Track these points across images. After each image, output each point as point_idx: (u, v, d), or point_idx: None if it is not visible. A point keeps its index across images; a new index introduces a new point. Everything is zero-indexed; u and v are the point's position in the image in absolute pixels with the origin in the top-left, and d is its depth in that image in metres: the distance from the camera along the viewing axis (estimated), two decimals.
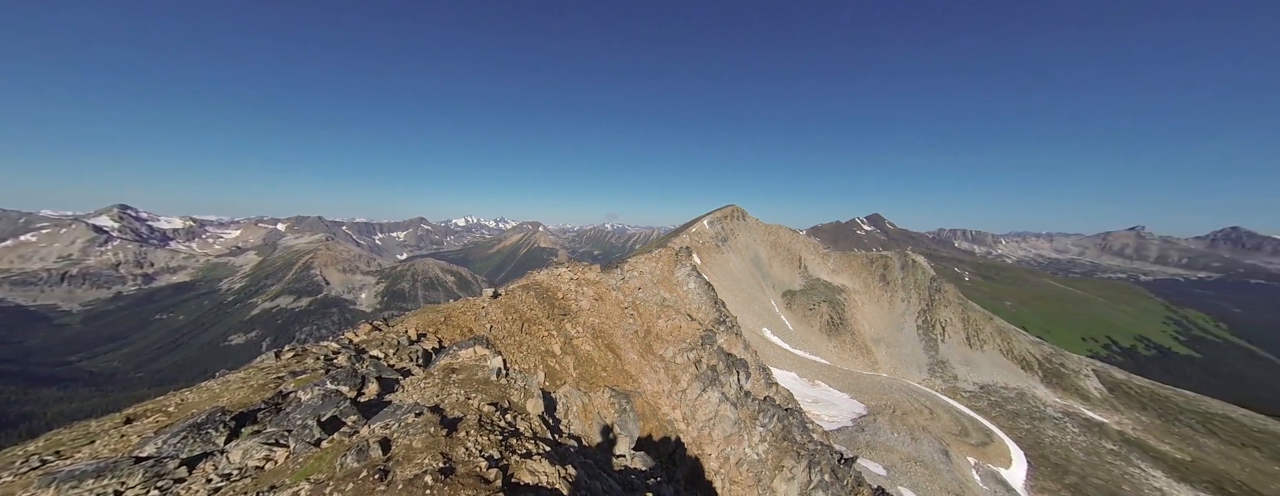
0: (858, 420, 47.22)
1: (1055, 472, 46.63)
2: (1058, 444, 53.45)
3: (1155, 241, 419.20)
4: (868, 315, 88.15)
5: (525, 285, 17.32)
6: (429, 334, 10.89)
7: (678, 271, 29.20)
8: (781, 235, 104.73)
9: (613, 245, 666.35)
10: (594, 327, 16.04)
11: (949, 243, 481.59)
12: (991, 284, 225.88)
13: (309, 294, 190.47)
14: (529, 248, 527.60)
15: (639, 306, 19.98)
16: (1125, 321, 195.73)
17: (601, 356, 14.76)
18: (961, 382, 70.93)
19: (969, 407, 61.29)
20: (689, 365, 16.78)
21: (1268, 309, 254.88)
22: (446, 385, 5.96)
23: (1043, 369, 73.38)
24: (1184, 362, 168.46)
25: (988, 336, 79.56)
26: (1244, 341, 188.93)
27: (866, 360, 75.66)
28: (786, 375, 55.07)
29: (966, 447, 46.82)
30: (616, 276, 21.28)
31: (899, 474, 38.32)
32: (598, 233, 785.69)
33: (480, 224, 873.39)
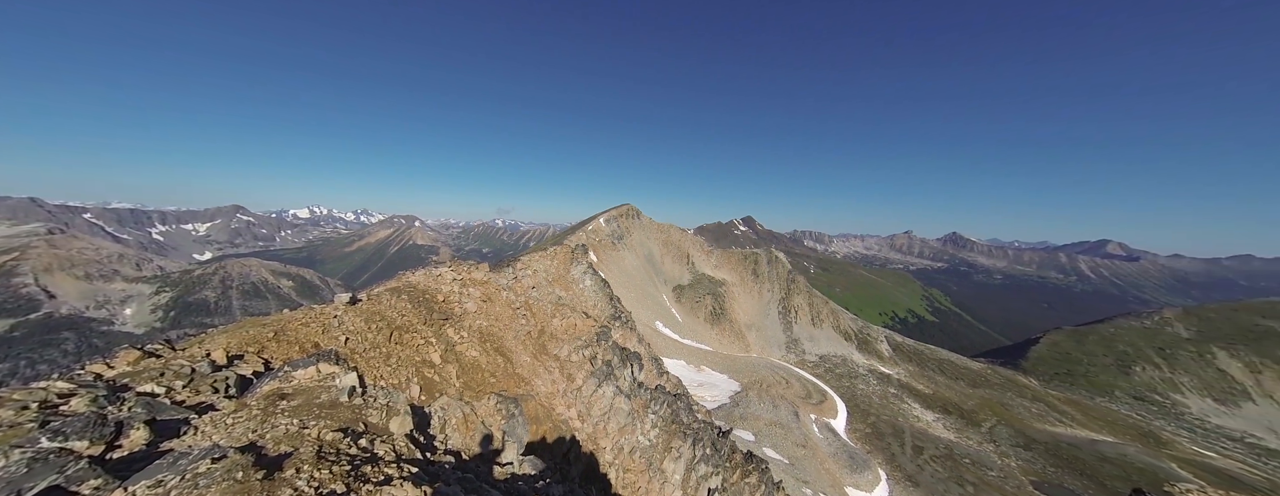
0: (734, 396, 54.23)
1: (863, 415, 61.49)
2: (864, 394, 70.56)
3: (917, 241, 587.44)
4: (742, 305, 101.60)
5: (396, 288, 14.88)
6: (249, 354, 8.44)
7: (574, 269, 28.88)
8: (672, 234, 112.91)
9: (504, 242, 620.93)
10: (481, 331, 14.74)
11: (800, 242, 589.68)
12: (828, 275, 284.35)
13: (15, 313, 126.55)
14: (402, 245, 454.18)
15: (532, 306, 19.13)
16: (902, 299, 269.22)
17: (490, 361, 13.66)
18: (807, 355, 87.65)
19: (811, 374, 76.15)
20: (584, 362, 16.80)
21: (972, 287, 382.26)
22: (270, 416, 4.69)
23: (857, 339, 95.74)
24: (931, 325, 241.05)
25: (825, 316, 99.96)
26: (959, 310, 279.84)
27: (741, 344, 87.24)
28: (676, 363, 59.79)
29: (809, 407, 58.14)
30: (508, 275, 19.96)
31: (764, 437, 45.42)
32: (487, 229, 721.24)
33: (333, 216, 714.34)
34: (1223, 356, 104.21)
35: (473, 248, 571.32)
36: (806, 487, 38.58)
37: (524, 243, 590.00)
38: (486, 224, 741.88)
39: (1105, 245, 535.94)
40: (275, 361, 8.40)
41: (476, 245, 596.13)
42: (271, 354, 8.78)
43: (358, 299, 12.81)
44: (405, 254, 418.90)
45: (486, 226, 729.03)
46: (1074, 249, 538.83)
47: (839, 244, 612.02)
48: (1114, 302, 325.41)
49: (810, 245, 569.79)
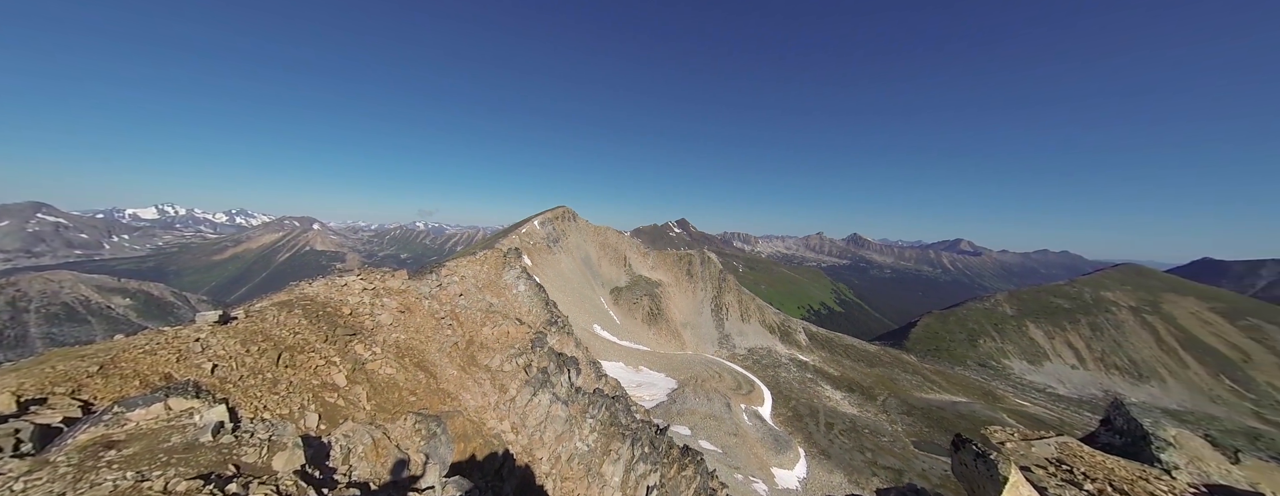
0: (671, 393, 55.87)
1: (785, 400, 67.62)
2: (786, 381, 77.67)
3: (827, 241, 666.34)
4: (678, 304, 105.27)
5: (287, 301, 12.64)
6: (57, 397, 6.45)
7: (506, 274, 27.38)
8: (609, 236, 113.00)
9: (427, 247, 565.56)
10: (399, 345, 13.20)
11: (730, 243, 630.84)
12: (754, 273, 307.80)
13: None
14: (295, 251, 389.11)
15: (460, 315, 17.71)
16: (815, 293, 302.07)
17: (409, 378, 12.29)
18: (737, 349, 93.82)
19: (741, 367, 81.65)
20: (518, 371, 15.96)
21: (869, 281, 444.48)
22: (89, 473, 3.60)
23: (779, 331, 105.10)
24: (839, 315, 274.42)
25: (752, 312, 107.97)
26: (860, 300, 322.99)
27: (677, 342, 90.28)
28: (614, 365, 59.78)
29: (740, 397, 62.27)
30: (431, 283, 18.19)
31: (700, 430, 47.50)
32: (406, 233, 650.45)
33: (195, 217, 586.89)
34: (1032, 327, 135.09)
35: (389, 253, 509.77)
36: (738, 473, 41.21)
37: (450, 247, 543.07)
38: (405, 227, 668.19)
39: (959, 243, 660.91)
40: (100, 402, 6.54)
41: (393, 250, 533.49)
42: (94, 393, 6.81)
43: (232, 317, 10.59)
44: (300, 262, 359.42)
45: (405, 229, 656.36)
46: (938, 247, 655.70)
47: (763, 244, 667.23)
48: (965, 290, 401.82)
49: (739, 246, 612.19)
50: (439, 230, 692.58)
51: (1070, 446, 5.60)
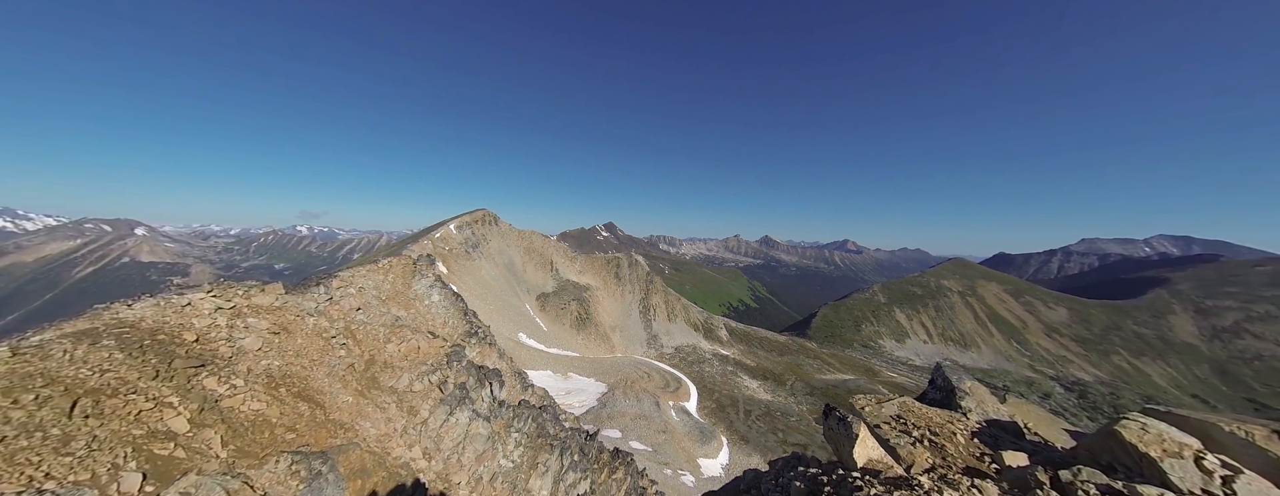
0: (602, 397, 55.51)
1: (709, 393, 71.90)
2: (710, 375, 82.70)
3: (743, 242, 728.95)
4: (607, 308, 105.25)
5: (87, 331, 9.61)
6: None
7: (417, 283, 24.63)
8: (534, 240, 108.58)
9: (312, 256, 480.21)
10: (271, 374, 10.95)
11: (656, 245, 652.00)
12: (679, 274, 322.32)
13: None
14: (104, 263, 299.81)
15: (357, 332, 15.42)
16: (734, 291, 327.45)
17: (286, 411, 10.27)
18: (665, 348, 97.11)
19: (668, 365, 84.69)
20: (431, 390, 14.43)
21: (779, 278, 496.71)
22: None
23: (703, 328, 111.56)
24: (754, 311, 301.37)
25: (678, 312, 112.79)
26: (772, 296, 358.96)
27: (607, 346, 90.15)
28: (542, 374, 57.42)
29: (668, 395, 64.49)
30: (318, 297, 15.48)
31: (630, 431, 47.96)
32: (282, 239, 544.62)
33: None
34: (898, 312, 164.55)
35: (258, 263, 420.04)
36: (667, 468, 42.55)
37: (345, 254, 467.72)
38: (281, 232, 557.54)
39: (846, 243, 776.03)
40: None
41: (264, 259, 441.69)
42: None
43: None
44: (111, 277, 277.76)
45: (280, 235, 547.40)
46: (831, 247, 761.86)
47: (688, 246, 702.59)
48: (852, 283, 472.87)
49: (665, 248, 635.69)
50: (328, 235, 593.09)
51: (908, 404, 6.99)
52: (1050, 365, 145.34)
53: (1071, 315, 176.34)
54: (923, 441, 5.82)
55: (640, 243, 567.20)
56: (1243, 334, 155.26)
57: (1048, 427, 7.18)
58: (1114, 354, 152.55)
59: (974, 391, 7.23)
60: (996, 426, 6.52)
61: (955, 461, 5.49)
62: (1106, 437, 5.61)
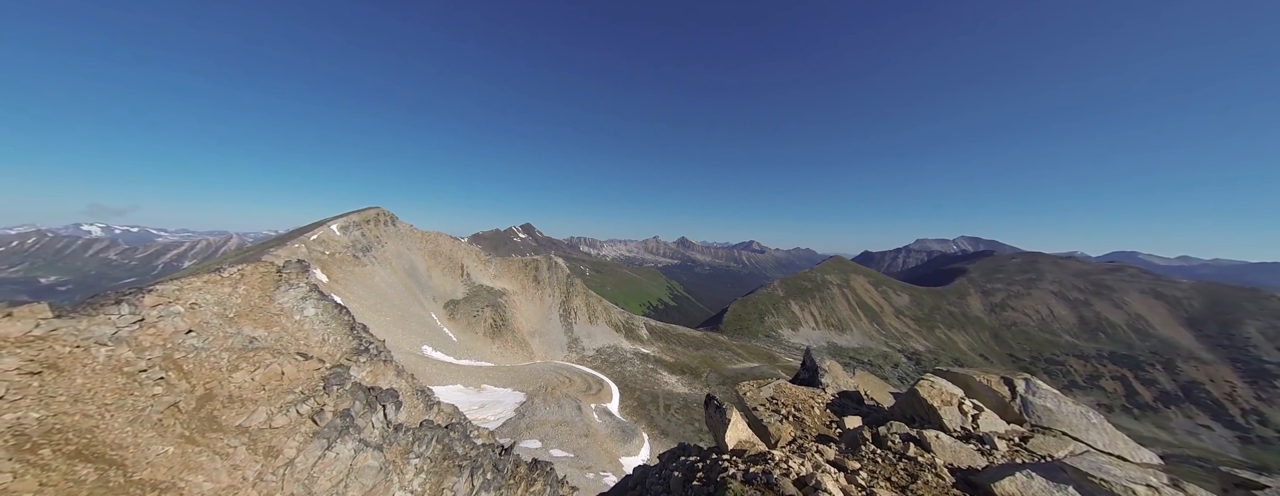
0: (520, 407, 52.52)
1: (631, 392, 73.25)
2: (631, 374, 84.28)
3: (661, 243, 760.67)
4: (525, 313, 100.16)
5: None
6: None
7: (282, 295, 20.33)
8: (442, 243, 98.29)
9: (110, 264, 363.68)
10: (24, 432, 7.95)
11: (577, 247, 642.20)
12: (600, 275, 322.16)
13: None
14: None
15: (184, 362, 12.10)
16: (653, 290, 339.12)
17: (55, 481, 7.55)
18: (587, 351, 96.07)
19: (590, 367, 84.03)
20: (302, 422, 12.05)
21: (695, 277, 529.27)
22: None
23: (624, 329, 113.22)
24: (673, 309, 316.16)
25: (599, 313, 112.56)
26: (689, 295, 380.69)
27: (525, 352, 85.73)
28: (452, 389, 52.17)
29: (590, 397, 63.88)
30: (117, 319, 11.69)
31: (550, 439, 46.26)
32: (52, 242, 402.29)
33: None
34: (793, 304, 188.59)
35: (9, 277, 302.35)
36: (589, 472, 42.07)
37: (167, 262, 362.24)
38: (51, 234, 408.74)
39: (752, 243, 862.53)
40: None
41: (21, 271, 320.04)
42: None
43: None
44: None
45: (51, 238, 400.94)
46: (739, 247, 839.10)
47: (608, 248, 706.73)
48: (757, 280, 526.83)
49: (585, 250, 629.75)
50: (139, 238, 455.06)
51: (781, 386, 8.08)
52: (898, 340, 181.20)
53: (911, 300, 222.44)
54: (789, 418, 6.79)
55: (560, 244, 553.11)
56: (1007, 308, 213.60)
57: (879, 392, 8.90)
58: (937, 328, 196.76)
59: (831, 369, 8.72)
60: (845, 396, 7.94)
61: (811, 431, 6.51)
62: (910, 396, 7.20)
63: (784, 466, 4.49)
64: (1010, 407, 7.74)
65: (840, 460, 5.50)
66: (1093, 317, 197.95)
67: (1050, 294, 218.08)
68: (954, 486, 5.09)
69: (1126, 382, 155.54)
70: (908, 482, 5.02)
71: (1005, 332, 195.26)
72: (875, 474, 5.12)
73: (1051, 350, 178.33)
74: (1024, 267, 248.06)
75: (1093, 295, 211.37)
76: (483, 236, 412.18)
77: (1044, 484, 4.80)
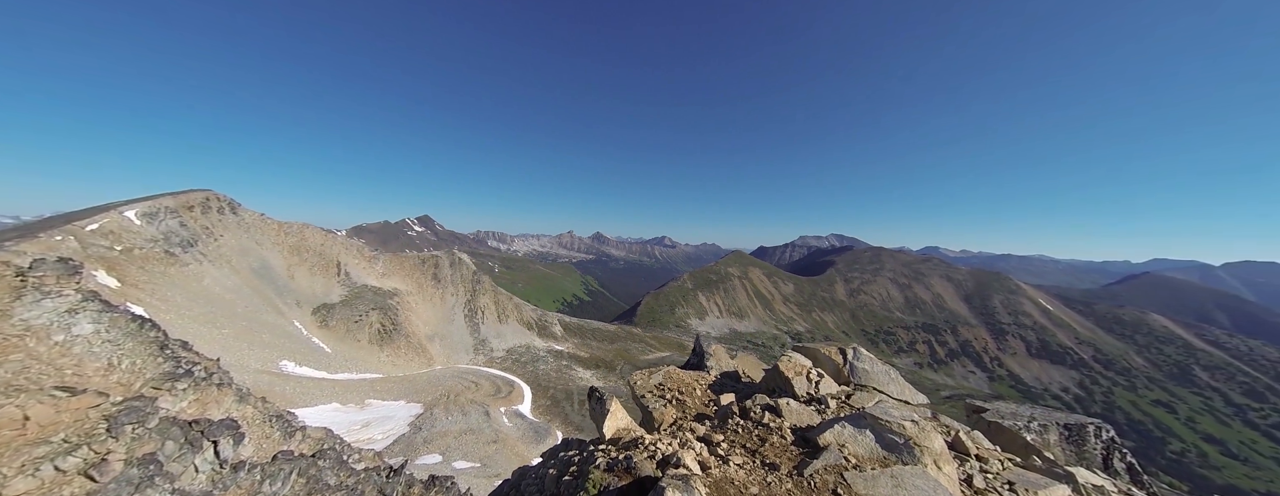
0: (416, 420, 47.07)
1: (544, 391, 71.38)
2: (545, 372, 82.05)
3: (576, 239, 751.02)
4: (422, 314, 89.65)
5: None
6: None
7: (32, 309, 14.91)
8: (309, 236, 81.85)
9: None
10: None
11: (485, 242, 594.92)
12: (511, 272, 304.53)
13: None
14: None
15: None
16: (568, 286, 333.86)
17: None
18: (496, 352, 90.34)
19: (500, 369, 79.37)
20: (69, 481, 9.10)
21: (609, 272, 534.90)
22: None
23: (537, 326, 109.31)
24: (588, 304, 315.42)
25: (510, 311, 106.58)
26: (603, 289, 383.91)
27: (423, 358, 76.91)
28: (323, 409, 44.22)
29: (499, 401, 60.41)
30: None
31: (454, 450, 42.57)
32: None
33: None
34: (700, 295, 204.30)
35: None
36: (499, 480, 39.95)
37: None
38: None
39: (664, 239, 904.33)
40: None
41: None
42: None
43: None
44: None
45: None
46: (651, 242, 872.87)
47: (520, 243, 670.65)
48: (668, 274, 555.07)
49: (494, 245, 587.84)
50: None
51: (670, 372, 8.94)
52: (785, 324, 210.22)
53: (795, 289, 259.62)
54: (673, 401, 7.56)
55: (465, 239, 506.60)
56: (861, 293, 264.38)
57: (755, 370, 10.42)
58: (813, 311, 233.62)
59: (716, 353, 9.94)
60: (726, 377, 9.15)
61: (691, 411, 7.37)
62: (773, 370, 8.67)
63: (652, 448, 4.96)
64: (842, 372, 9.73)
65: (708, 434, 6.28)
66: (912, 297, 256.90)
67: (887, 280, 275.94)
68: (793, 443, 6.24)
69: (930, 344, 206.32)
70: (758, 446, 5.98)
71: (859, 312, 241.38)
72: (733, 443, 5.99)
73: (887, 324, 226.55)
74: (872, 260, 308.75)
75: (913, 280, 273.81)
76: (368, 229, 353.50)
77: (852, 430, 6.21)
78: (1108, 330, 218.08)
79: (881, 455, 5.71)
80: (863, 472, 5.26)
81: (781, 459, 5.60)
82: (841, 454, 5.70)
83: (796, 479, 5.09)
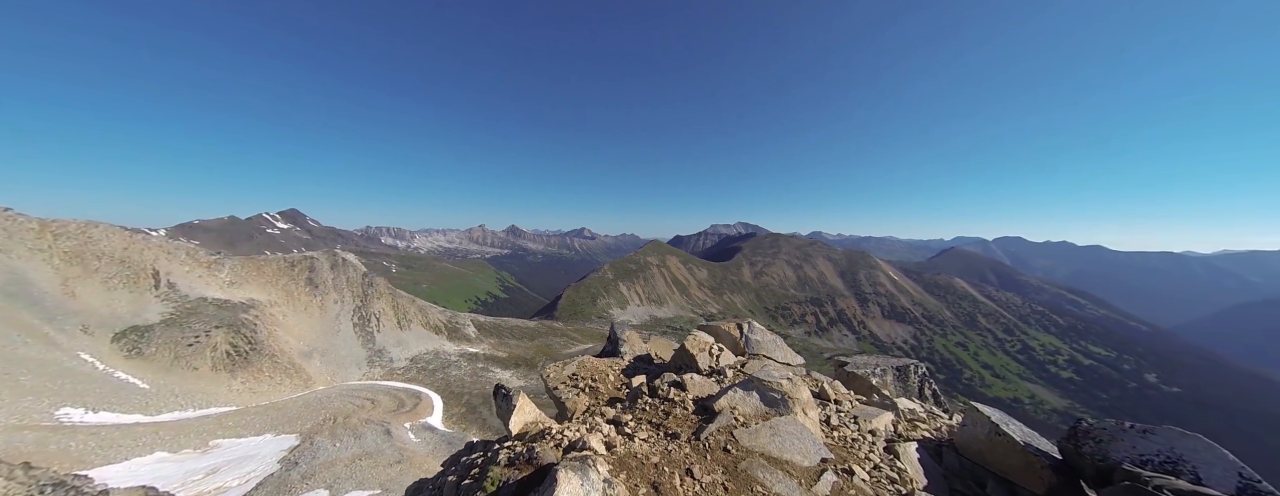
0: (289, 455, 39.35)
1: (458, 398, 65.86)
2: (458, 378, 75.61)
3: (489, 233, 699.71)
4: (294, 328, 74.71)
5: None
6: None
7: None
8: (99, 238, 61.34)
9: None
10: None
11: (377, 239, 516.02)
12: (412, 272, 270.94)
13: None
14: None
15: None
16: (481, 284, 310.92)
17: None
18: (397, 362, 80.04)
19: (403, 381, 70.73)
20: None
21: (527, 267, 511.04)
22: None
23: (447, 329, 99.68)
24: (505, 301, 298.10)
25: (413, 315, 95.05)
26: (521, 285, 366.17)
27: (297, 380, 64.36)
28: (143, 461, 34.27)
29: (404, 416, 53.92)
30: None
31: (345, 480, 36.82)
32: None
33: None
34: (621, 285, 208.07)
35: None
36: None
37: None
38: None
39: (583, 231, 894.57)
40: None
41: None
42: None
43: None
44: None
45: None
46: (571, 234, 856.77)
47: (422, 239, 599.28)
48: (589, 266, 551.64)
49: (390, 242, 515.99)
50: None
51: (584, 361, 9.10)
52: (700, 307, 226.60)
53: (708, 274, 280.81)
54: (586, 389, 7.73)
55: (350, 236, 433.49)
56: (764, 275, 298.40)
57: (666, 351, 11.12)
58: (724, 294, 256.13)
59: (629, 339, 10.38)
60: (639, 360, 9.61)
61: (604, 397, 7.62)
62: (680, 349, 9.39)
63: (559, 436, 4.97)
64: (739, 344, 10.89)
65: (618, 416, 6.52)
66: (803, 276, 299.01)
67: (784, 262, 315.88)
68: (695, 413, 6.82)
69: (816, 315, 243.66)
70: (663, 419, 6.41)
71: (762, 292, 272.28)
72: (641, 420, 6.32)
73: (785, 300, 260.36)
74: (772, 245, 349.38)
75: (803, 261, 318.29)
76: (203, 227, 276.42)
77: (742, 394, 7.04)
78: (930, 292, 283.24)
79: (763, 410, 6.60)
80: (748, 428, 6.02)
81: (682, 428, 6.09)
82: (733, 415, 6.43)
83: (694, 443, 5.60)
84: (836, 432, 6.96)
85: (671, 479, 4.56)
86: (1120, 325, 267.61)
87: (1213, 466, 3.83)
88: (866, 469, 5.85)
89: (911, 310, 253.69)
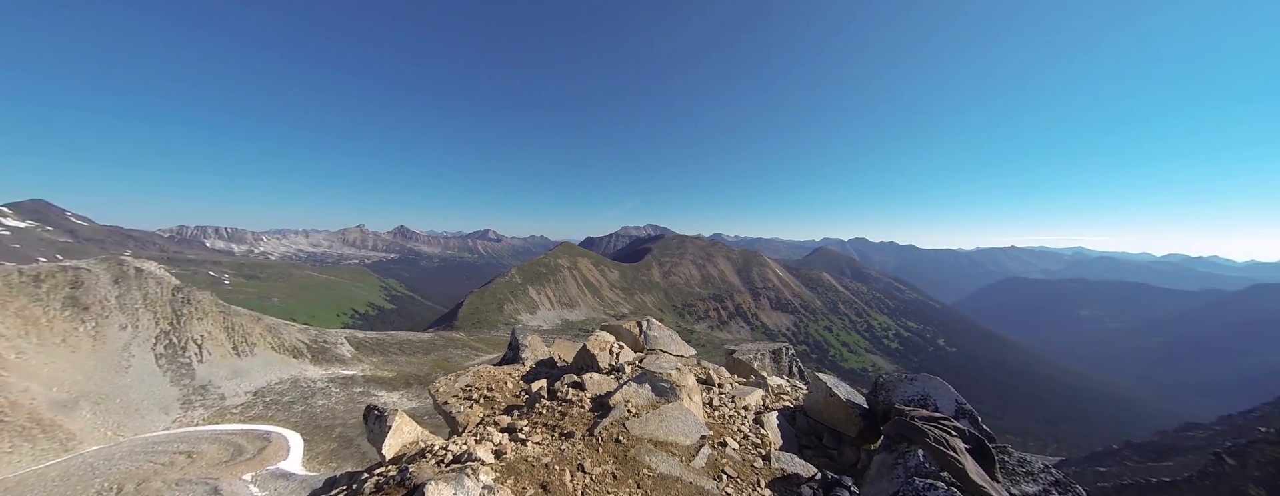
0: None
1: (326, 433, 54.72)
2: (326, 409, 62.81)
3: (370, 235, 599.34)
4: (39, 370, 52.94)
5: None
6: None
7: None
8: None
9: None
10: None
11: (198, 242, 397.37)
12: (257, 282, 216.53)
13: None
14: None
15: None
16: (360, 294, 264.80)
17: None
18: (231, 398, 62.75)
19: (241, 422, 55.85)
20: None
21: (420, 272, 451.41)
22: None
23: (311, 351, 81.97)
24: (391, 313, 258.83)
25: (257, 338, 75.69)
26: (412, 293, 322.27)
27: (47, 442, 45.76)
28: None
29: (243, 466, 42.59)
30: None
31: None
32: None
33: None
34: (530, 289, 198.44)
35: None
36: None
37: None
38: None
39: (488, 232, 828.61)
40: None
41: None
42: None
43: None
44: None
45: None
46: (474, 236, 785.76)
47: (272, 242, 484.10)
48: (494, 269, 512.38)
49: (220, 246, 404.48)
50: None
51: (480, 371, 8.73)
52: (613, 308, 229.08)
53: (620, 275, 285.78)
54: (480, 400, 7.40)
55: (149, 238, 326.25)
56: (671, 274, 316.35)
57: (569, 353, 11.20)
58: (636, 294, 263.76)
59: (531, 344, 10.19)
60: (542, 364, 9.51)
61: (501, 405, 7.41)
62: (581, 350, 9.61)
63: (442, 453, 4.68)
64: (639, 341, 11.50)
65: (513, 423, 6.36)
66: (706, 275, 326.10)
67: (690, 262, 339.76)
68: (591, 410, 7.03)
69: (718, 311, 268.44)
70: (559, 420, 6.48)
71: (671, 291, 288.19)
72: (536, 423, 6.29)
73: (691, 298, 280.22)
74: (679, 246, 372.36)
75: (706, 261, 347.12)
76: None
77: (636, 387, 7.51)
78: (806, 285, 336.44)
79: (654, 400, 7.17)
80: (639, 418, 6.47)
81: (577, 426, 6.25)
82: (626, 408, 6.83)
83: (588, 438, 5.80)
84: (717, 412, 7.91)
85: (562, 476, 4.67)
86: (925, 305, 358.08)
87: (943, 398, 5.76)
88: (737, 439, 6.82)
89: (793, 301, 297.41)
